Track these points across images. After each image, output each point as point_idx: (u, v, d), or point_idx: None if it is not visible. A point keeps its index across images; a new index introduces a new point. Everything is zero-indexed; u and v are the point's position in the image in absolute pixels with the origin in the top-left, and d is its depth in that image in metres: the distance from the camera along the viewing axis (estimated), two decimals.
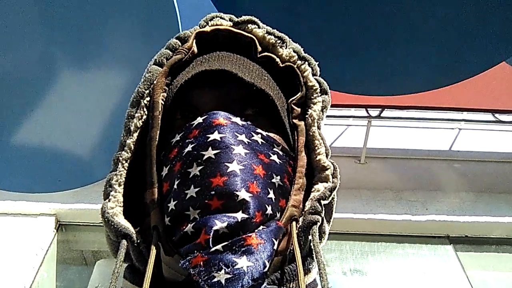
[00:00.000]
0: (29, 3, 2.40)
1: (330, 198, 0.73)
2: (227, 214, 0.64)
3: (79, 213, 4.08)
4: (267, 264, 0.62)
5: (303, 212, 0.71)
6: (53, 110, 2.55)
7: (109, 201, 0.73)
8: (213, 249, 0.61)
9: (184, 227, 0.65)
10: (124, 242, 0.69)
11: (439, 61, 2.37)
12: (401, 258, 4.26)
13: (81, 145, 2.60)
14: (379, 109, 4.56)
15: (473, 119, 4.90)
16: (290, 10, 2.35)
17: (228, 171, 0.66)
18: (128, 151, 0.76)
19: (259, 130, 0.74)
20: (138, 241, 0.70)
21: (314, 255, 0.67)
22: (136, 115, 0.78)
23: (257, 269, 0.61)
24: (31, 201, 4.15)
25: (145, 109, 0.78)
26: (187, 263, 0.61)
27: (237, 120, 0.72)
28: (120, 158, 0.76)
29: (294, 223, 0.69)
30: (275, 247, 0.64)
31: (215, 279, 0.59)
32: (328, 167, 0.75)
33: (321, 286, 0.63)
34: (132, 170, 0.76)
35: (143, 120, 0.78)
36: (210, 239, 0.61)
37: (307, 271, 0.71)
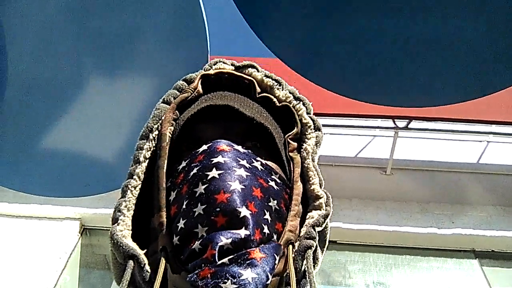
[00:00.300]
0: (62, 13, 2.43)
1: (324, 225, 0.78)
2: (231, 231, 0.68)
3: (103, 218, 4.11)
4: (270, 277, 0.67)
5: (299, 237, 0.76)
6: (82, 117, 2.58)
7: (118, 225, 0.78)
8: (219, 262, 0.65)
9: (192, 244, 0.69)
10: (131, 262, 0.73)
11: (468, 74, 2.34)
12: (425, 271, 4.21)
13: (108, 151, 2.62)
14: (407, 120, 4.52)
15: (502, 132, 4.83)
16: (317, 20, 2.35)
17: (230, 189, 0.71)
18: (137, 179, 0.82)
19: (258, 158, 0.80)
20: (145, 262, 0.74)
21: (307, 277, 0.72)
22: (145, 146, 0.84)
23: (261, 281, 0.65)
24: (56, 205, 4.19)
25: (153, 142, 0.85)
26: (195, 276, 0.65)
27: (239, 147, 0.79)
28: (129, 186, 0.81)
29: (290, 246, 0.73)
30: (276, 262, 0.69)
31: None
32: (321, 196, 0.81)
33: None
34: (140, 199, 0.81)
35: (151, 151, 0.84)
36: (216, 254, 0.66)
37: None
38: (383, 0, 2.25)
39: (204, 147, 0.79)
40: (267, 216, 0.74)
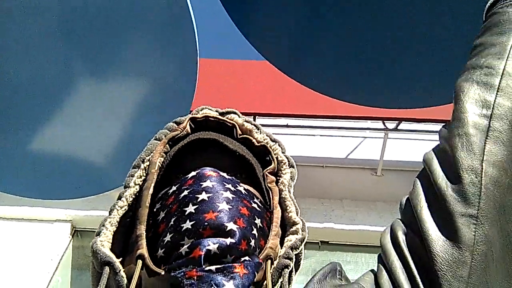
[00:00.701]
0: (50, 16, 2.43)
1: (300, 248, 0.87)
2: (218, 238, 0.76)
3: (94, 220, 4.11)
4: None
5: (278, 257, 0.84)
6: (71, 120, 2.58)
7: (99, 236, 0.85)
8: (207, 268, 0.73)
9: (179, 250, 0.76)
10: (107, 268, 0.79)
11: (457, 75, 2.36)
12: None
13: (98, 153, 2.62)
14: (396, 122, 4.54)
15: None
16: (305, 22, 2.36)
17: (219, 209, 0.80)
18: (124, 200, 0.89)
19: (241, 184, 0.89)
20: (120, 269, 0.80)
21: None
22: (136, 174, 0.92)
23: None
24: (47, 207, 4.18)
25: (144, 171, 0.93)
26: (182, 273, 0.72)
27: (224, 174, 0.88)
28: (116, 206, 0.89)
29: (269, 261, 0.81)
30: (255, 279, 0.77)
31: None
32: (298, 222, 0.90)
33: None
34: (126, 225, 0.89)
35: (141, 179, 0.92)
36: (203, 256, 0.73)
37: None
38: (371, 1, 2.26)
39: (193, 173, 0.87)
40: (254, 231, 0.82)
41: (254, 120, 4.41)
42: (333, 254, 4.42)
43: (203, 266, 0.73)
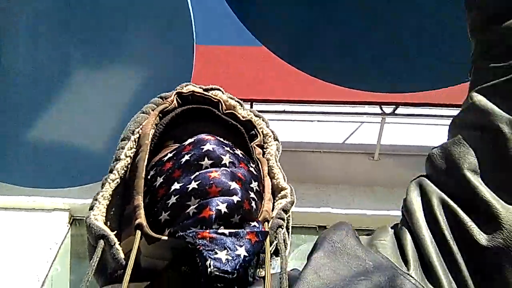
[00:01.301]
0: (48, 4, 2.42)
1: (290, 210, 0.91)
2: (225, 197, 0.78)
3: None
4: (254, 257, 0.76)
5: (271, 217, 0.87)
6: (68, 108, 2.58)
7: (92, 210, 0.86)
8: (220, 231, 0.74)
9: (186, 211, 0.78)
10: (101, 241, 0.80)
11: (454, 58, 2.35)
12: None
13: (95, 142, 2.62)
14: (393, 106, 4.54)
15: None
16: (303, 7, 2.35)
17: (220, 171, 0.82)
18: (116, 173, 0.90)
19: (238, 149, 0.93)
20: (115, 241, 0.81)
21: (278, 246, 0.83)
22: (126, 146, 0.93)
23: (250, 259, 0.73)
24: (45, 196, 4.18)
25: (134, 142, 0.94)
26: (194, 233, 0.72)
27: (220, 138, 0.90)
28: (108, 179, 0.90)
29: (266, 223, 0.84)
30: (263, 247, 0.78)
31: (217, 256, 0.70)
32: (286, 187, 0.93)
33: (280, 275, 0.75)
34: (118, 196, 0.91)
35: (132, 151, 0.93)
36: (213, 215, 0.75)
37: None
38: None
39: (190, 140, 0.89)
40: (252, 195, 0.85)
41: (251, 106, 4.41)
42: None
43: (215, 228, 0.75)
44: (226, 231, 0.73)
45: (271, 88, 4.66)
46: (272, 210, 0.91)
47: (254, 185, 0.87)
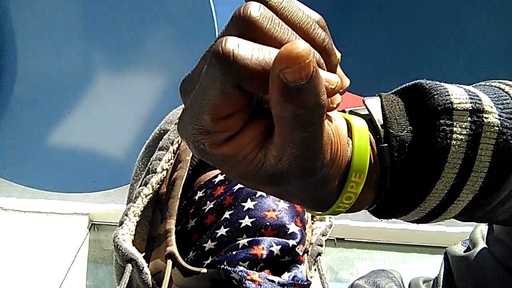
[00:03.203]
0: (71, 9, 2.44)
1: (328, 234, 0.88)
2: (281, 239, 0.74)
3: (111, 213, 4.10)
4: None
5: (311, 244, 0.85)
6: (90, 113, 2.59)
7: (121, 228, 0.81)
8: (270, 277, 0.71)
9: (238, 240, 0.74)
10: (129, 265, 0.77)
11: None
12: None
13: (116, 147, 2.63)
14: None
15: None
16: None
17: (279, 208, 0.77)
18: (150, 188, 0.84)
19: None
20: (143, 266, 0.77)
21: (320, 277, 0.81)
22: (164, 158, 0.87)
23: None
24: (64, 200, 4.20)
25: (172, 154, 0.88)
26: (244, 273, 0.69)
27: None
28: (141, 193, 0.84)
29: (305, 255, 0.81)
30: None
31: None
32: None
33: None
34: (148, 210, 0.86)
35: (170, 163, 0.87)
36: (265, 256, 0.72)
37: None
38: None
39: None
40: (306, 229, 0.82)
41: None
42: (349, 251, 4.39)
43: (265, 273, 0.71)
44: (276, 279, 0.71)
45: None
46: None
47: (306, 215, 0.84)
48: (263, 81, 0.36)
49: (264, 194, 0.78)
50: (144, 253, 0.82)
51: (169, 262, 0.75)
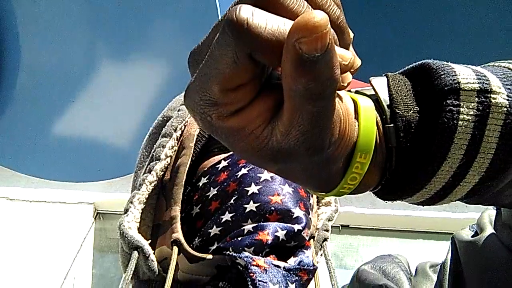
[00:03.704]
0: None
1: (334, 219, 0.88)
2: (286, 224, 0.73)
3: (116, 202, 4.12)
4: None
5: (317, 229, 0.85)
6: (95, 102, 2.59)
7: (127, 216, 0.81)
8: (275, 262, 0.70)
9: (243, 226, 0.74)
10: (135, 253, 0.76)
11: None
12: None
13: (120, 136, 2.63)
14: None
15: None
16: None
17: (283, 192, 0.76)
18: (155, 175, 0.84)
19: None
20: (150, 253, 0.77)
21: (326, 262, 0.82)
22: (168, 144, 0.86)
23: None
24: (69, 190, 4.21)
25: (176, 141, 0.87)
26: (249, 258, 0.69)
27: None
28: (146, 180, 0.83)
29: (311, 240, 0.81)
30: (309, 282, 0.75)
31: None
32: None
33: (331, 285, 0.76)
34: (153, 197, 0.86)
35: (173, 150, 0.86)
36: (270, 241, 0.71)
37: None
38: None
39: None
40: (310, 214, 0.80)
41: None
42: (354, 238, 4.40)
43: (270, 258, 0.71)
44: (281, 264, 0.71)
45: None
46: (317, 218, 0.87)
47: (311, 200, 0.83)
48: (276, 52, 0.35)
49: (268, 178, 0.77)
50: (149, 240, 0.81)
51: (175, 249, 0.75)
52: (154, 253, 0.79)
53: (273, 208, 0.74)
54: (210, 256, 0.74)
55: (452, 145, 0.42)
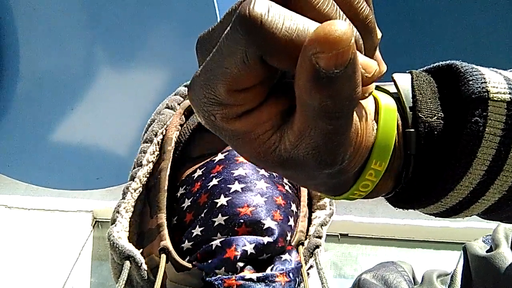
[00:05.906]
0: (74, 4, 2.43)
1: (329, 224, 0.85)
2: (255, 237, 0.71)
3: None
4: None
5: (307, 236, 0.82)
6: (93, 109, 2.59)
7: (115, 226, 0.80)
8: (247, 277, 0.68)
9: (212, 240, 0.72)
10: (127, 262, 0.75)
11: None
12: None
13: (119, 144, 2.63)
14: None
15: None
16: None
17: (254, 203, 0.74)
18: (138, 182, 0.83)
19: None
20: (142, 262, 0.76)
21: (317, 271, 0.78)
22: (149, 150, 0.84)
23: None
24: (68, 198, 4.20)
25: (157, 146, 0.85)
26: (220, 281, 0.67)
27: None
28: (130, 188, 0.82)
29: (300, 246, 0.79)
30: (296, 285, 0.73)
31: None
32: (324, 196, 0.83)
33: None
34: (139, 203, 0.84)
35: (155, 155, 0.85)
36: (238, 257, 0.69)
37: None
38: None
39: (221, 156, 0.80)
40: (291, 221, 0.78)
41: None
42: (353, 247, 4.38)
43: (243, 274, 0.69)
44: (254, 276, 0.69)
45: None
46: (309, 223, 0.85)
47: (293, 207, 0.80)
48: (290, 55, 0.31)
49: (239, 189, 0.75)
50: (141, 250, 0.80)
51: (163, 257, 0.74)
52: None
53: (242, 220, 0.72)
54: (191, 266, 0.73)
55: (475, 160, 0.39)
